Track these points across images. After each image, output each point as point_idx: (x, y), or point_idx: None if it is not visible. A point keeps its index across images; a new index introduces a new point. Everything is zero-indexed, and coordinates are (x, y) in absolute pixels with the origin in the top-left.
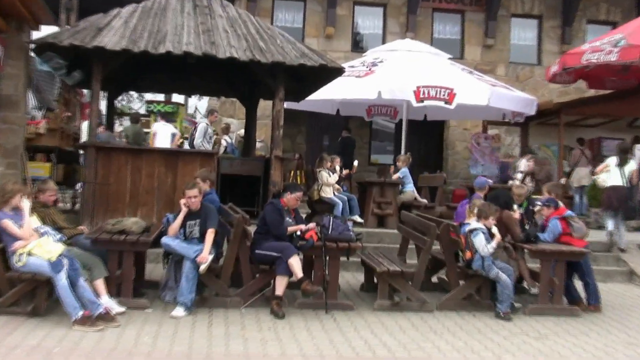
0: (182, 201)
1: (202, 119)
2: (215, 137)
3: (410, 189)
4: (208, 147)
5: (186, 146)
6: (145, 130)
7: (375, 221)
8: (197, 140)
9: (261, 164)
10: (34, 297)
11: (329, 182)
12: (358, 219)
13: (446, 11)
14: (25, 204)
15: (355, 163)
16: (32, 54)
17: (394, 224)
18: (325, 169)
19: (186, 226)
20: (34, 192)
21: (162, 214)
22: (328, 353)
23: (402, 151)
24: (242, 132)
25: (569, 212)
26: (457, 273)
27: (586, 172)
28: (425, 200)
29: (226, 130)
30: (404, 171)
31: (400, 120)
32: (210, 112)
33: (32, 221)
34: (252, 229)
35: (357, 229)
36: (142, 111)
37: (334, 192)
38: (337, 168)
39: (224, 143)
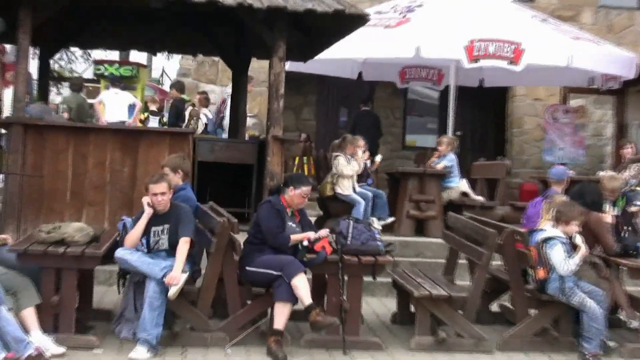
0: (146, 200)
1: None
2: (190, 109)
3: (459, 182)
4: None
5: (153, 123)
6: (93, 101)
7: (412, 226)
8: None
9: (254, 148)
10: None
11: (348, 172)
12: (387, 221)
13: None
14: None
15: (378, 158)
16: None
17: (438, 231)
18: (345, 155)
19: (150, 234)
20: None
21: (116, 217)
22: None
23: (449, 130)
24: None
25: None
26: (526, 299)
27: None
28: (480, 198)
29: (205, 101)
30: (451, 158)
31: (447, 88)
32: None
33: None
34: (241, 237)
35: (386, 237)
36: (89, 75)
37: (354, 187)
38: (360, 153)
39: (203, 119)
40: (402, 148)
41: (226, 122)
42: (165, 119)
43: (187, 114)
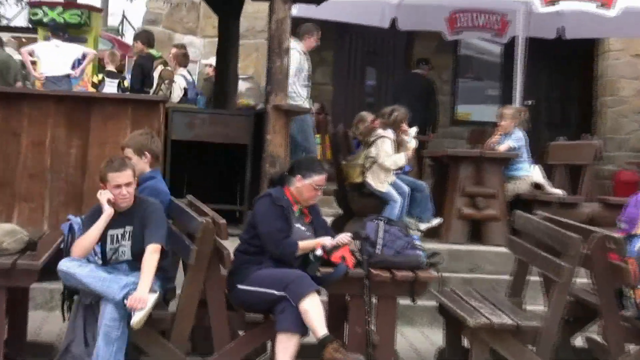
0: (105, 195)
1: (295, 45)
2: (161, 68)
3: (529, 170)
4: (303, 95)
5: (110, 88)
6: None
7: (465, 230)
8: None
9: (248, 122)
10: None
11: (390, 165)
12: (432, 223)
13: None
14: None
15: (413, 131)
16: None
17: (501, 236)
18: (387, 135)
19: (107, 240)
20: None
21: (61, 216)
22: None
23: (516, 99)
24: (211, 62)
25: None
26: (623, 329)
27: None
28: (559, 191)
29: (182, 58)
30: (519, 136)
31: (513, 40)
32: (305, 32)
33: None
34: (231, 245)
35: (429, 244)
36: (22, 22)
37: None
38: (412, 132)
39: (179, 83)
40: (452, 123)
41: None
42: (127, 83)
43: (156, 75)
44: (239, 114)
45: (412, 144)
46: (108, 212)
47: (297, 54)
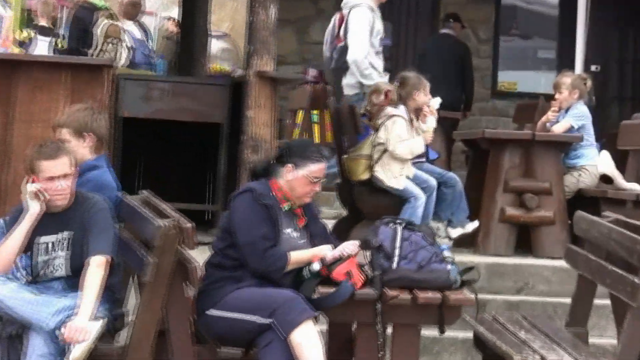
0: (29, 188)
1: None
2: (106, 23)
3: (595, 157)
4: (380, 68)
5: (41, 48)
6: None
7: (510, 237)
8: (357, 55)
9: (223, 94)
10: None
11: (404, 152)
12: (466, 228)
13: None
14: None
15: (435, 102)
16: None
17: (558, 244)
18: (399, 114)
19: (36, 249)
20: None
21: None
22: None
23: (577, 63)
24: (173, 14)
25: None
26: None
27: None
28: (635, 186)
29: (131, 9)
30: (581, 113)
31: None
32: None
33: None
34: (201, 256)
35: (463, 256)
36: None
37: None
38: (434, 104)
39: (127, 41)
40: (492, 96)
41: (355, 56)
42: (63, 42)
43: (100, 31)
44: (211, 83)
45: (431, 123)
46: (34, 210)
47: (367, 10)
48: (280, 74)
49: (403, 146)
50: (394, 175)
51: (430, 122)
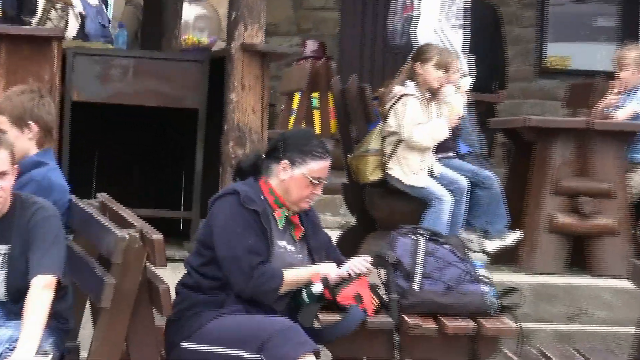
0: None
1: None
2: None
3: None
4: (457, 44)
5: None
6: None
7: (561, 251)
8: (422, 29)
9: (199, 72)
10: None
11: (423, 139)
12: (506, 240)
13: None
14: None
15: (466, 82)
16: None
17: (620, 261)
18: (410, 92)
19: None
20: None
21: None
22: None
23: None
24: None
25: None
26: None
27: None
28: None
29: None
30: None
31: None
32: None
33: None
34: (172, 275)
35: (502, 275)
36: None
37: (430, 169)
38: (463, 83)
39: (78, 7)
40: (538, 74)
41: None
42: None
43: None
44: (184, 59)
45: (457, 102)
46: None
47: None
48: (271, 47)
49: (420, 130)
50: (413, 171)
51: (456, 101)
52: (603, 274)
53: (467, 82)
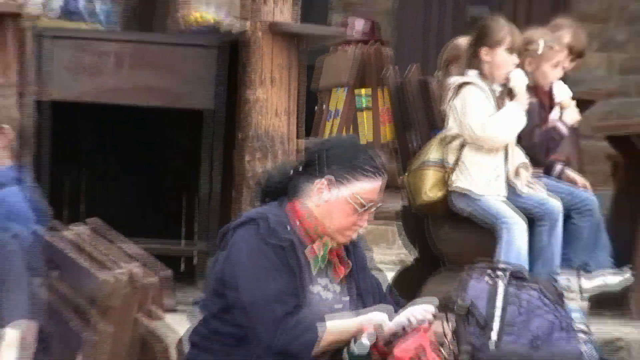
0: None
1: None
2: None
3: None
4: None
5: None
6: None
7: None
8: None
9: (211, 60)
10: None
11: (500, 125)
12: (611, 280)
13: None
14: None
15: (563, 91)
16: None
17: None
18: (471, 81)
19: None
20: None
21: None
22: None
23: None
24: None
25: None
26: None
27: None
28: None
29: None
30: None
31: None
32: None
33: None
34: (179, 325)
35: (604, 326)
36: None
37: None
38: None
39: None
40: None
41: None
42: None
43: None
44: (190, 43)
45: (519, 83)
46: None
47: None
48: (305, 28)
49: (492, 122)
50: (484, 181)
51: (561, 92)
52: None
53: (563, 91)
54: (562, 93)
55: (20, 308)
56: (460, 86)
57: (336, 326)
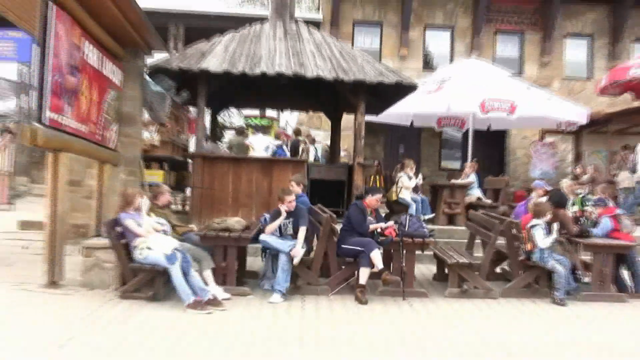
0: (283, 207)
1: None
2: (304, 146)
3: (476, 190)
4: None
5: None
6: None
7: (446, 219)
8: None
9: (345, 169)
10: (153, 284)
11: (409, 185)
12: (430, 216)
13: (507, 32)
14: (144, 204)
15: (419, 180)
16: (147, 77)
17: (462, 222)
18: (407, 173)
19: (281, 225)
20: (152, 196)
21: (259, 213)
22: (407, 334)
23: (469, 158)
24: (328, 142)
25: (618, 211)
26: (518, 264)
27: (627, 175)
28: (489, 201)
29: (312, 140)
30: (472, 177)
31: (467, 130)
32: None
33: (150, 219)
34: (338, 226)
35: (429, 226)
36: (240, 124)
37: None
38: (412, 174)
39: (312, 151)
40: (439, 169)
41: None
42: (287, 151)
43: (301, 148)
44: (341, 166)
45: (420, 181)
46: (283, 214)
47: None
48: (365, 163)
49: (408, 183)
50: (406, 196)
51: (417, 180)
52: (458, 226)
53: (418, 181)
54: None
55: (305, 222)
56: (402, 175)
57: (372, 226)
